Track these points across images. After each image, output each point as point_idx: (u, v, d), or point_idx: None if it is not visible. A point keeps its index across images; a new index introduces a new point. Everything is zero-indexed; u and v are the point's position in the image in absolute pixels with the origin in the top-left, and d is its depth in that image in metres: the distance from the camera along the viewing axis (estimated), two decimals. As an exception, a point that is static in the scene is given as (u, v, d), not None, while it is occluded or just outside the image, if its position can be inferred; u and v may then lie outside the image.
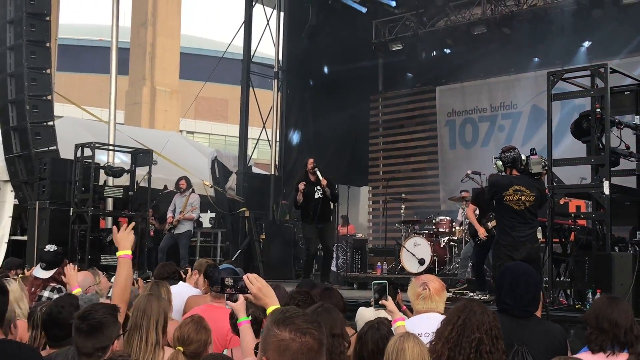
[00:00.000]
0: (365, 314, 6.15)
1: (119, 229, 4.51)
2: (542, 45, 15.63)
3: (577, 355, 3.90)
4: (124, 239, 4.38)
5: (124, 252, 4.36)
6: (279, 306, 3.31)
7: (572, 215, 8.66)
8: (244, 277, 3.41)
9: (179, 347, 3.95)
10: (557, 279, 8.32)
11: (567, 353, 4.02)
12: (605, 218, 7.68)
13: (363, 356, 3.86)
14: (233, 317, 4.35)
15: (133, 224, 4.65)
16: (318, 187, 10.94)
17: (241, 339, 3.66)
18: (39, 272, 6.68)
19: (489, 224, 9.39)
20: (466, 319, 3.49)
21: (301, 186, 10.93)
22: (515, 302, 4.09)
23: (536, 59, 15.96)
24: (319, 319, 2.78)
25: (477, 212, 9.77)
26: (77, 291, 4.36)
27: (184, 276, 7.51)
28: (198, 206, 13.17)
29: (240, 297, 3.56)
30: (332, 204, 11.56)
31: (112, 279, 7.40)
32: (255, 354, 3.00)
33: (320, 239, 11.14)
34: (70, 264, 7.13)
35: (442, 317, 4.40)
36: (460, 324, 3.49)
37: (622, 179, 8.25)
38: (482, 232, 9.37)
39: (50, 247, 6.92)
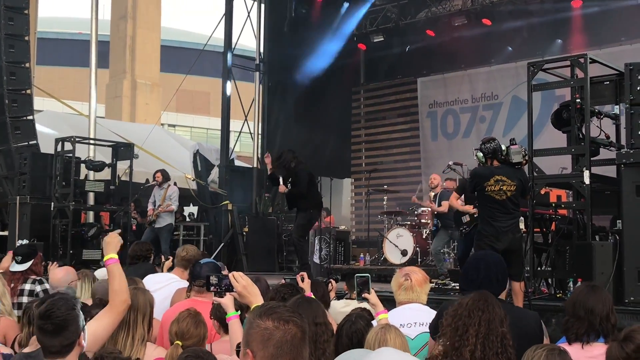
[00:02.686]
0: (336, 306, 6.19)
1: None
2: (522, 36, 15.70)
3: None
4: (109, 243, 4.19)
5: (108, 256, 4.17)
6: None
7: (553, 205, 8.71)
8: (230, 275, 3.41)
9: (177, 342, 3.90)
10: (539, 269, 8.38)
11: (544, 338, 4.05)
12: (585, 207, 7.74)
13: (339, 350, 3.88)
14: (214, 309, 4.35)
15: (119, 230, 4.54)
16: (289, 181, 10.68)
17: (230, 334, 3.65)
18: (15, 267, 6.67)
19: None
20: (491, 313, 3.38)
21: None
22: (468, 286, 4.13)
23: (516, 50, 16.00)
24: (299, 310, 2.80)
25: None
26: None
27: (163, 260, 7.48)
28: (177, 198, 13.06)
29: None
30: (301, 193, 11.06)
31: (95, 273, 7.38)
32: (237, 353, 3.00)
33: None
34: (55, 263, 7.12)
35: (424, 307, 4.44)
36: (486, 317, 3.37)
37: (602, 169, 8.31)
38: (469, 208, 9.28)
39: (23, 241, 6.95)
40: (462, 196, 9.68)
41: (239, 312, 3.68)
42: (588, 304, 3.95)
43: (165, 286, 5.87)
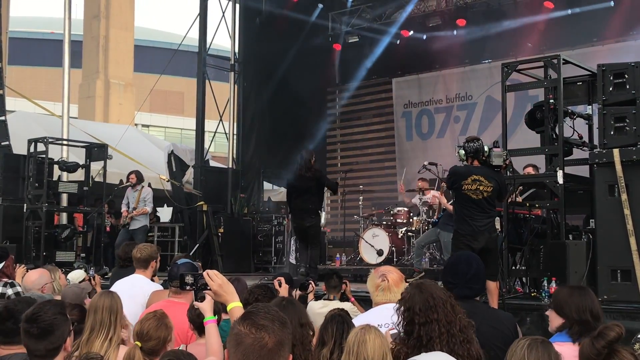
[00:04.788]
0: (314, 307, 6.20)
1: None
2: (496, 37, 15.78)
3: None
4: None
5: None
6: (239, 302, 3.29)
7: (527, 204, 8.80)
8: (204, 273, 3.37)
9: (137, 343, 3.82)
10: (513, 268, 8.45)
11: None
12: (559, 207, 7.83)
13: (325, 340, 3.92)
14: (194, 310, 4.32)
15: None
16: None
17: (206, 338, 3.63)
18: None
19: None
20: (428, 312, 3.47)
21: None
22: (458, 279, 4.19)
23: (490, 51, 16.09)
24: (284, 312, 2.78)
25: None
26: None
27: None
28: (151, 200, 12.95)
29: (208, 296, 3.53)
30: None
31: (69, 276, 7.33)
32: None
33: None
34: (23, 266, 7.03)
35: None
36: (424, 321, 3.46)
37: (575, 168, 8.40)
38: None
39: None
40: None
41: (216, 317, 3.66)
42: (594, 308, 3.99)
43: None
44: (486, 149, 7.49)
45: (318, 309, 5.98)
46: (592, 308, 4.00)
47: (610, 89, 7.58)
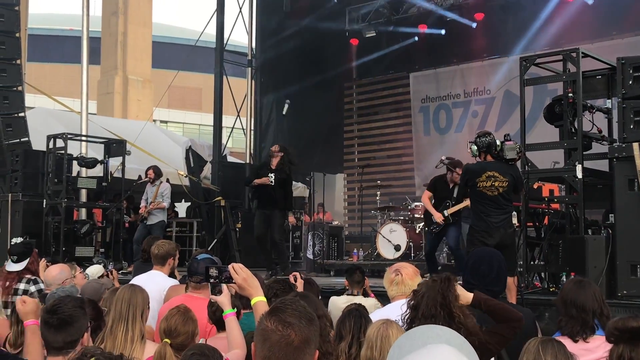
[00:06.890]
0: (337, 302, 6.19)
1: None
2: (514, 31, 15.70)
3: None
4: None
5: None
6: (263, 297, 3.29)
7: (546, 199, 8.74)
8: (229, 266, 3.36)
9: (166, 340, 3.81)
10: (532, 263, 8.41)
11: (537, 335, 4.08)
12: (578, 201, 7.77)
13: (342, 338, 3.92)
14: (212, 306, 4.33)
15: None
16: (271, 174, 10.92)
17: (227, 332, 3.63)
18: (11, 266, 6.61)
19: (445, 211, 9.52)
20: (428, 320, 3.46)
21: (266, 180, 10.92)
22: (479, 281, 4.18)
23: (508, 44, 16.00)
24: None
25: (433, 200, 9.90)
26: None
27: None
28: (169, 195, 12.99)
29: (225, 289, 3.52)
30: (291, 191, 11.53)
31: (87, 271, 7.37)
32: None
33: (268, 227, 11.04)
34: (43, 259, 7.07)
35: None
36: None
37: (594, 163, 8.34)
38: (438, 217, 9.48)
39: (17, 239, 6.88)
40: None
41: (236, 310, 3.67)
42: (578, 301, 3.96)
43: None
44: (498, 142, 7.46)
45: (342, 304, 5.99)
46: (577, 302, 3.98)
47: (630, 82, 7.50)
